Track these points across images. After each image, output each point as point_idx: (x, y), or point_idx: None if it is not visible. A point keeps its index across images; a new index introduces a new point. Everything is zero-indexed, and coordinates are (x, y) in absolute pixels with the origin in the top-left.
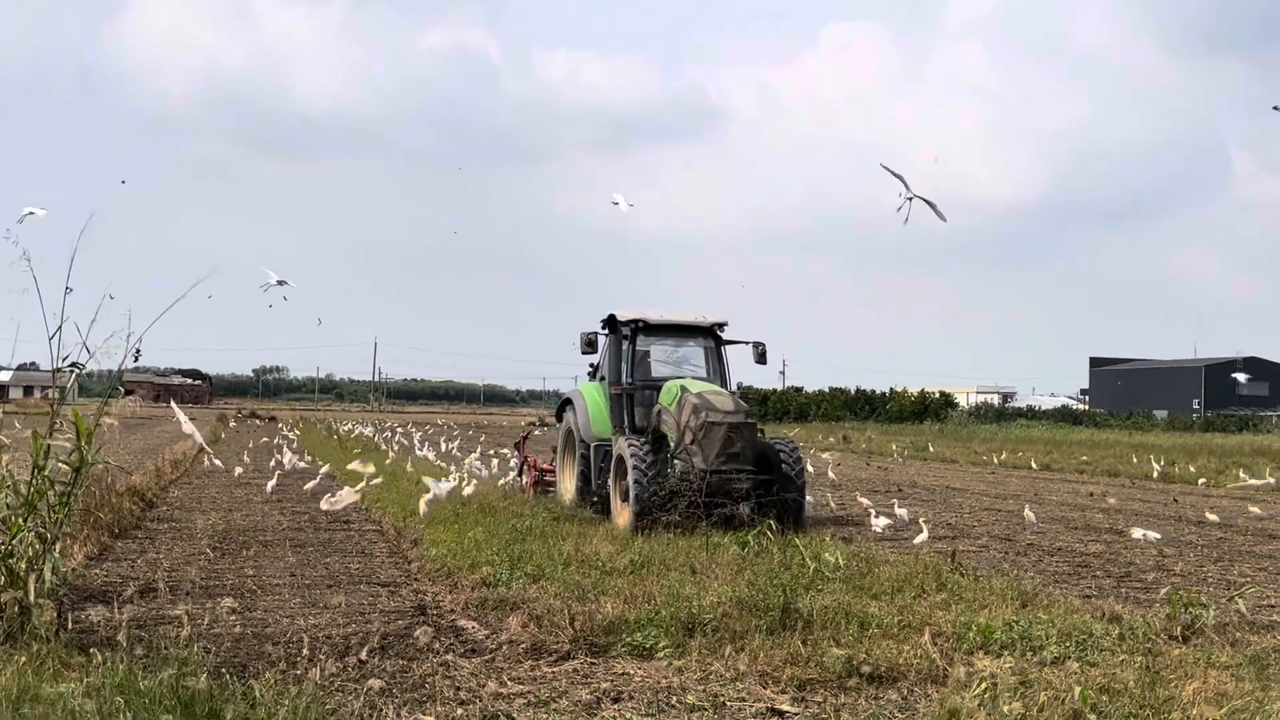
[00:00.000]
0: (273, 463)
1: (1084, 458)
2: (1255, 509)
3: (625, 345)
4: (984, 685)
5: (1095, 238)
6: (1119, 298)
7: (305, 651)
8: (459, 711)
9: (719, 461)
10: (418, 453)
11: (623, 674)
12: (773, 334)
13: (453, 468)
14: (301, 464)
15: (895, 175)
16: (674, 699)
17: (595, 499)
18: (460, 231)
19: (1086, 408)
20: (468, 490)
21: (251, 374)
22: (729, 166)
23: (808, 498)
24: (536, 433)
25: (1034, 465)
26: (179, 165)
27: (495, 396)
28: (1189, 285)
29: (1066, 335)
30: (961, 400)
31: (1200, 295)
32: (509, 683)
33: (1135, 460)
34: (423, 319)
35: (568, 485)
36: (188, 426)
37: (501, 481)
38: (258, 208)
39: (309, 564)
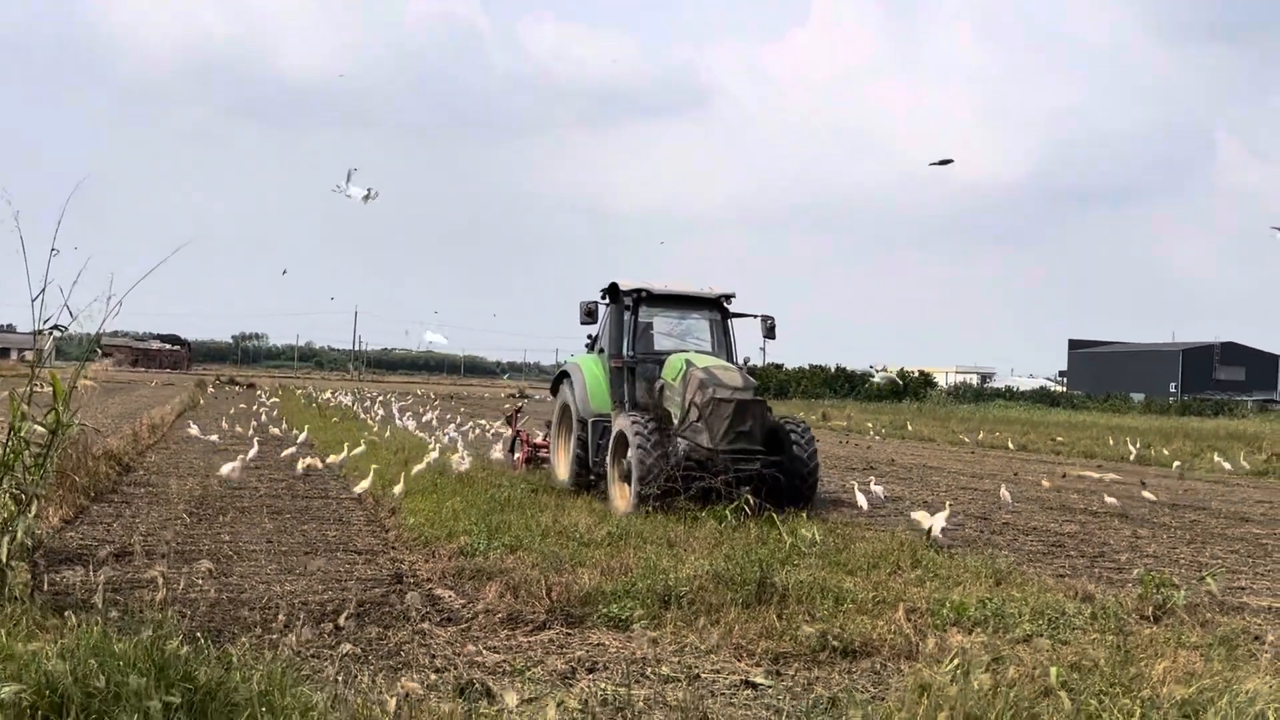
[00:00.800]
0: (251, 430)
1: (1060, 439)
2: (1148, 494)
3: (627, 316)
4: (956, 660)
5: (1079, 221)
6: (1100, 281)
7: (281, 617)
8: (433, 678)
9: (726, 440)
10: (397, 423)
11: (598, 644)
12: (755, 310)
13: (431, 439)
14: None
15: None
16: (648, 670)
17: (592, 478)
18: (444, 203)
19: (1064, 389)
20: (463, 466)
21: (230, 340)
22: (716, 144)
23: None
24: (522, 403)
25: (1011, 445)
26: (164, 133)
27: (475, 368)
28: (1170, 270)
29: (1046, 317)
30: (940, 380)
31: (1181, 280)
32: (485, 651)
33: (1111, 442)
34: (404, 289)
35: (563, 463)
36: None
37: (494, 454)
38: (241, 176)
39: (286, 531)
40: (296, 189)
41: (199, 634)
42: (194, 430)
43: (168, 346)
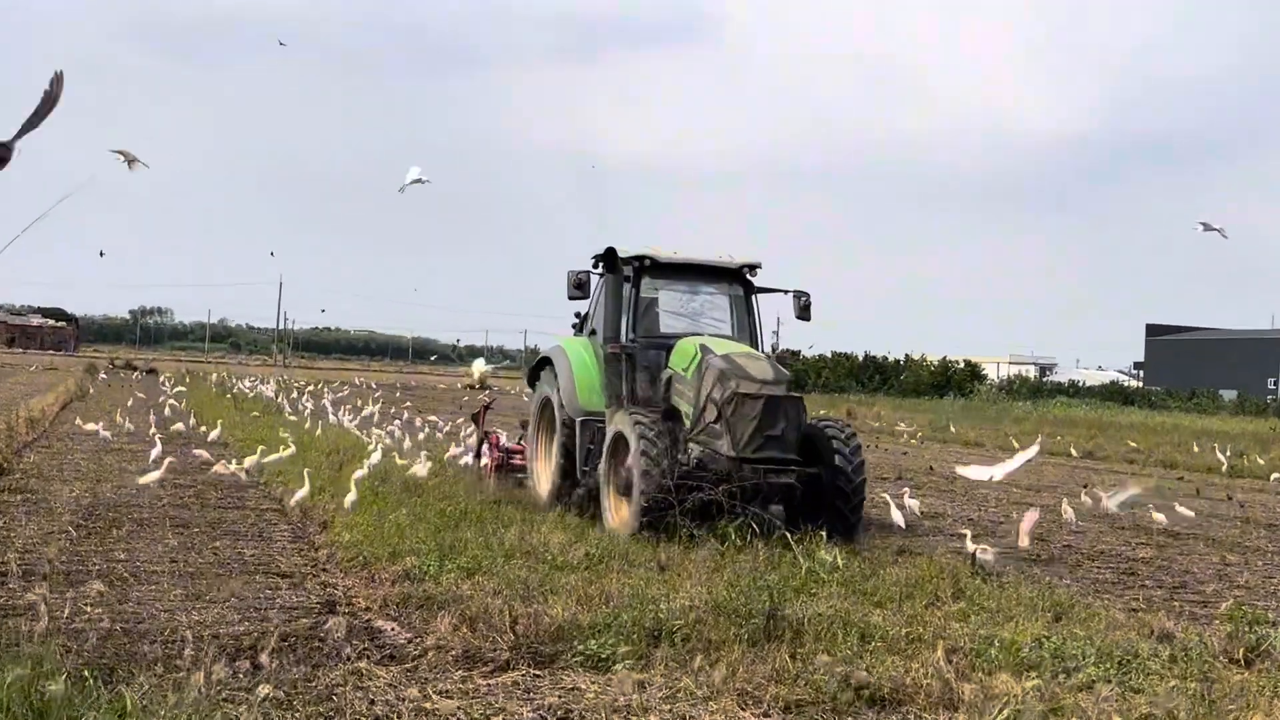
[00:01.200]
0: (151, 425)
1: (1135, 444)
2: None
3: (627, 290)
4: (1005, 711)
5: (1156, 181)
6: (1183, 254)
7: (188, 653)
8: None
9: (753, 446)
10: (331, 418)
11: (572, 688)
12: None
13: (371, 439)
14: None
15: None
16: (634, 719)
17: (580, 491)
18: (391, 152)
19: (1141, 385)
20: (420, 470)
21: (128, 316)
22: (720, 82)
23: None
24: (485, 397)
25: (1074, 452)
26: (48, 62)
27: (426, 352)
28: (1269, 242)
29: (1118, 297)
30: (990, 372)
31: None
32: (435, 696)
33: (1196, 449)
34: (340, 257)
35: (543, 472)
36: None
37: (459, 457)
38: (141, 117)
39: (194, 548)
40: (211, 133)
41: (87, 672)
42: (95, 427)
43: (51, 322)
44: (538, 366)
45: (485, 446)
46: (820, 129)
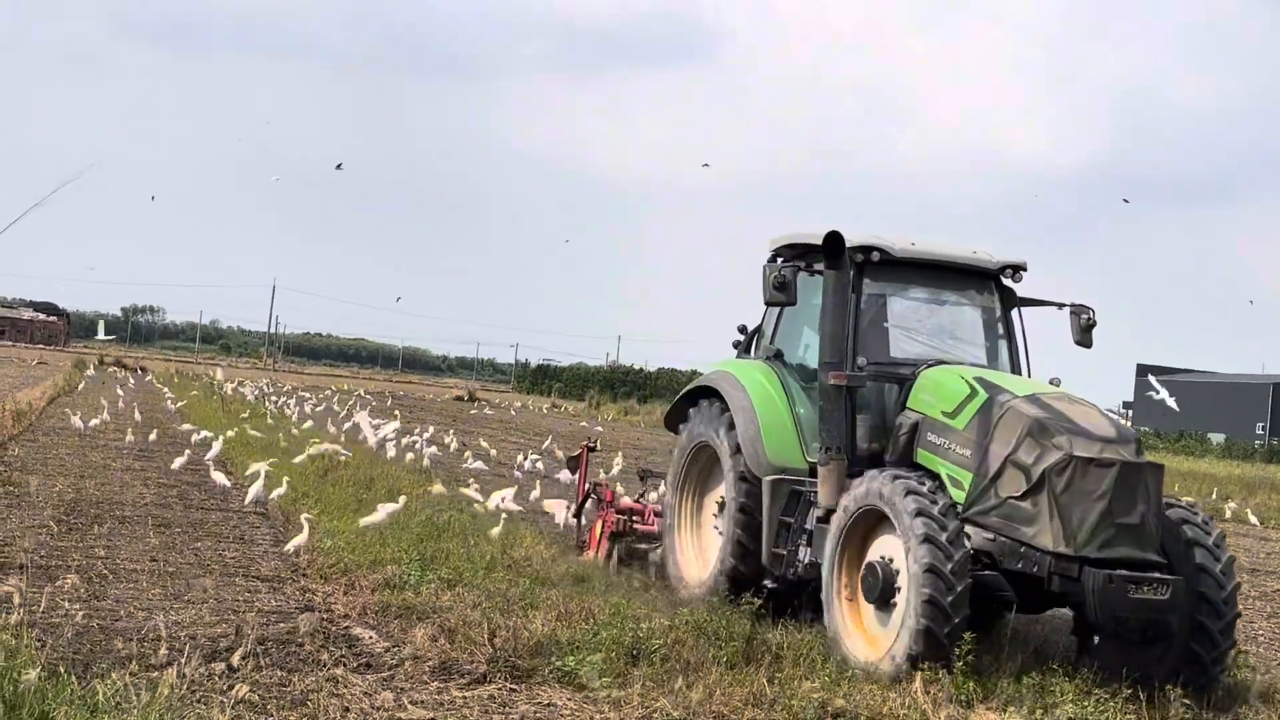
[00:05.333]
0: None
1: None
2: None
3: (849, 294)
4: None
5: (1152, 219)
6: (1177, 294)
7: (163, 651)
8: None
9: (1099, 541)
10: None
11: (548, 704)
12: (753, 304)
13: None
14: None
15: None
16: None
17: (769, 583)
18: (385, 160)
19: (1130, 424)
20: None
21: (119, 313)
22: (717, 102)
23: None
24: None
25: None
26: (34, 50)
27: (417, 362)
28: (1263, 284)
29: (1109, 336)
30: None
31: (1276, 298)
32: (409, 705)
33: (1178, 489)
34: (333, 262)
35: (691, 549)
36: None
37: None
38: (132, 109)
39: (174, 548)
40: (208, 132)
41: (61, 666)
42: (75, 419)
43: (41, 317)
44: (687, 399)
45: (590, 503)
46: (810, 153)
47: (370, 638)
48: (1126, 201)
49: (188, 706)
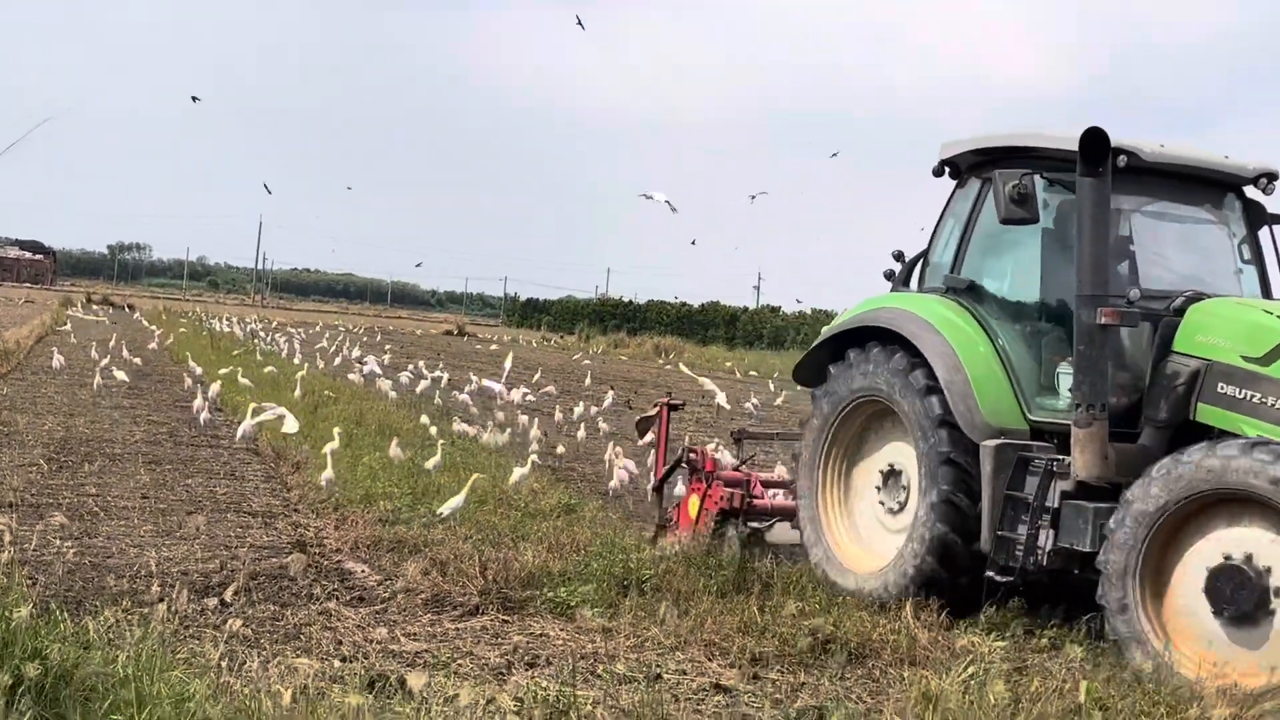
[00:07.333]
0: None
1: None
2: None
3: (1097, 205)
4: (970, 668)
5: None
6: None
7: (155, 588)
8: (339, 667)
9: None
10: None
11: (540, 634)
12: (748, 241)
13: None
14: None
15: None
16: (600, 667)
17: (1001, 575)
18: (371, 91)
19: None
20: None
21: (106, 251)
22: (709, 28)
23: None
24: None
25: None
26: None
27: (405, 297)
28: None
29: None
30: None
31: None
32: (402, 638)
33: None
34: (321, 197)
35: (851, 537)
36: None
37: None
38: (114, 40)
39: (165, 485)
40: (186, 60)
41: (53, 603)
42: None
43: (28, 255)
44: (840, 341)
45: (680, 474)
46: (809, 80)
47: (363, 572)
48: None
49: (180, 641)
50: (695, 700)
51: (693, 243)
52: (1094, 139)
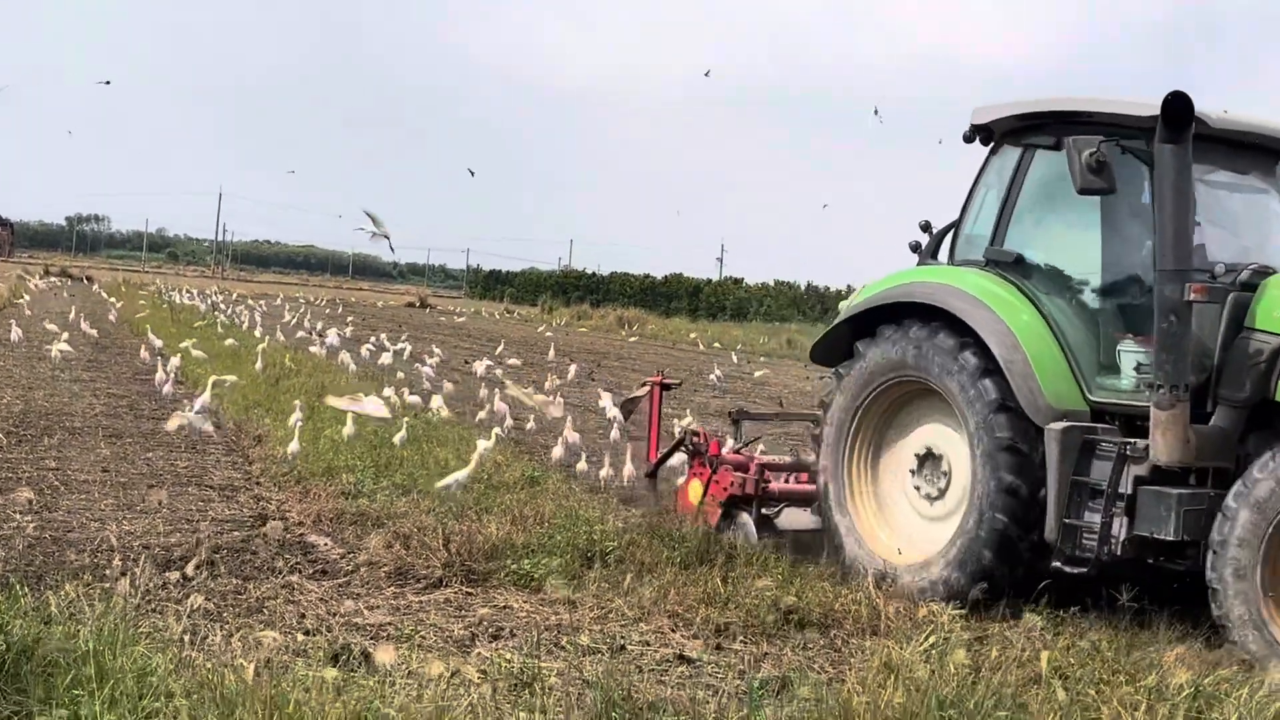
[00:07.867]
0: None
1: None
2: None
3: (1180, 174)
4: (931, 638)
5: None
6: None
7: (116, 562)
8: (302, 640)
9: None
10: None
11: (504, 607)
12: (711, 211)
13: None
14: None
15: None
16: (564, 639)
17: (1070, 566)
18: (333, 63)
19: None
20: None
21: (64, 223)
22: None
23: None
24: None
25: None
26: None
27: (367, 269)
28: None
29: None
30: None
31: None
32: (366, 611)
33: None
34: (281, 168)
35: (882, 527)
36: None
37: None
38: (69, 9)
39: (126, 458)
40: (143, 31)
41: (13, 578)
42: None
43: None
44: (871, 316)
45: (683, 459)
46: (777, 50)
47: (325, 545)
48: None
49: (143, 616)
50: (659, 671)
51: (678, 213)
52: (1179, 103)
